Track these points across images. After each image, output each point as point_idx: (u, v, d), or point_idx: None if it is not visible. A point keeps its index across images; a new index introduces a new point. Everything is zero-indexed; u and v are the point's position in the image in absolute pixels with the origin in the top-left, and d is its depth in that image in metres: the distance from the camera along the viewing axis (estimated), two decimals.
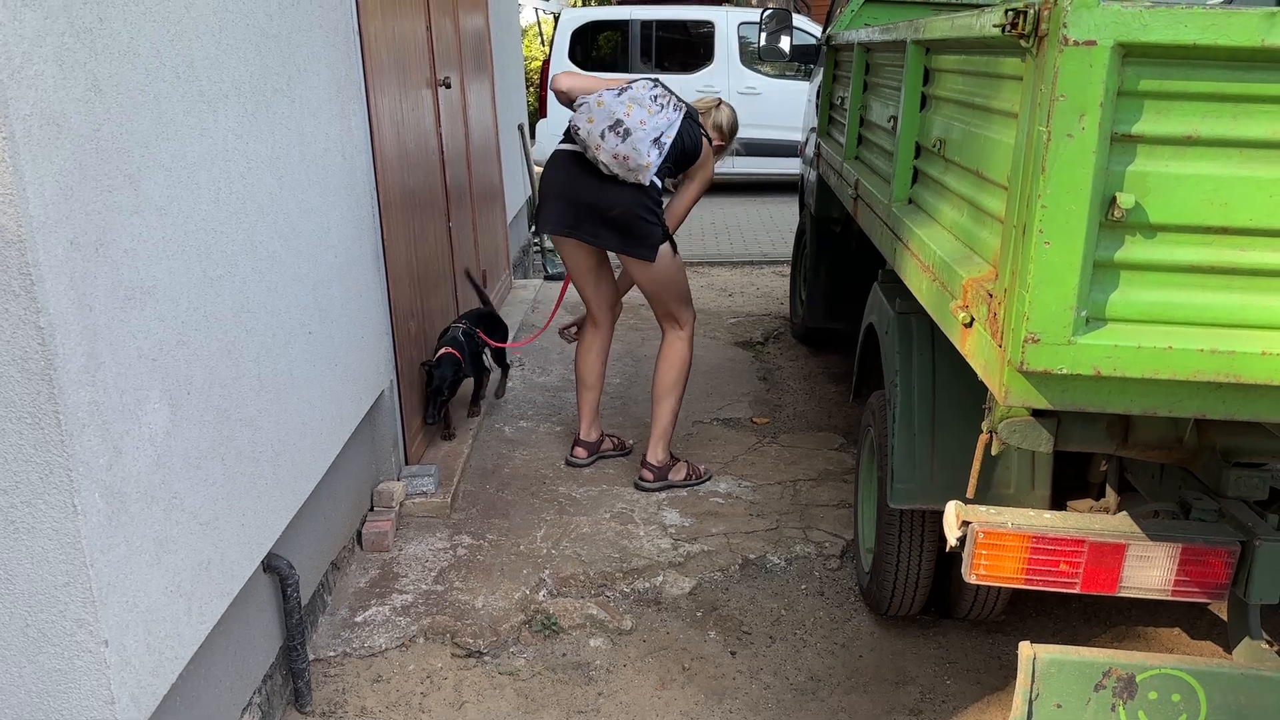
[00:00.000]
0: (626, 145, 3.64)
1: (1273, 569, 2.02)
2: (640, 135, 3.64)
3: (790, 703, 2.96)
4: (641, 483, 4.15)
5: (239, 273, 2.40)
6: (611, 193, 3.79)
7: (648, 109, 3.69)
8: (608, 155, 3.67)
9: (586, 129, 3.68)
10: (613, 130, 3.64)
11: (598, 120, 3.66)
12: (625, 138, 3.64)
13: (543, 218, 3.97)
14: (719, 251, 8.87)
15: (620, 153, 3.66)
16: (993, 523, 2.09)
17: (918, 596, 3.10)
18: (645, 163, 3.66)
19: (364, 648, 3.09)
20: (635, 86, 3.77)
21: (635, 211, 3.80)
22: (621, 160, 3.67)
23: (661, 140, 3.69)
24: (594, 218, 3.85)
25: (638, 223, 3.82)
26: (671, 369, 4.12)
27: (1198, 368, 1.52)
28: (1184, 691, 1.99)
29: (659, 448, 4.15)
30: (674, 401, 4.15)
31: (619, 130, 3.64)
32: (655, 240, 3.87)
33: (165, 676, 1.97)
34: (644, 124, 3.65)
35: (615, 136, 3.64)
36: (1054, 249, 1.51)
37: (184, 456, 2.08)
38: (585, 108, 3.71)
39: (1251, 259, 1.53)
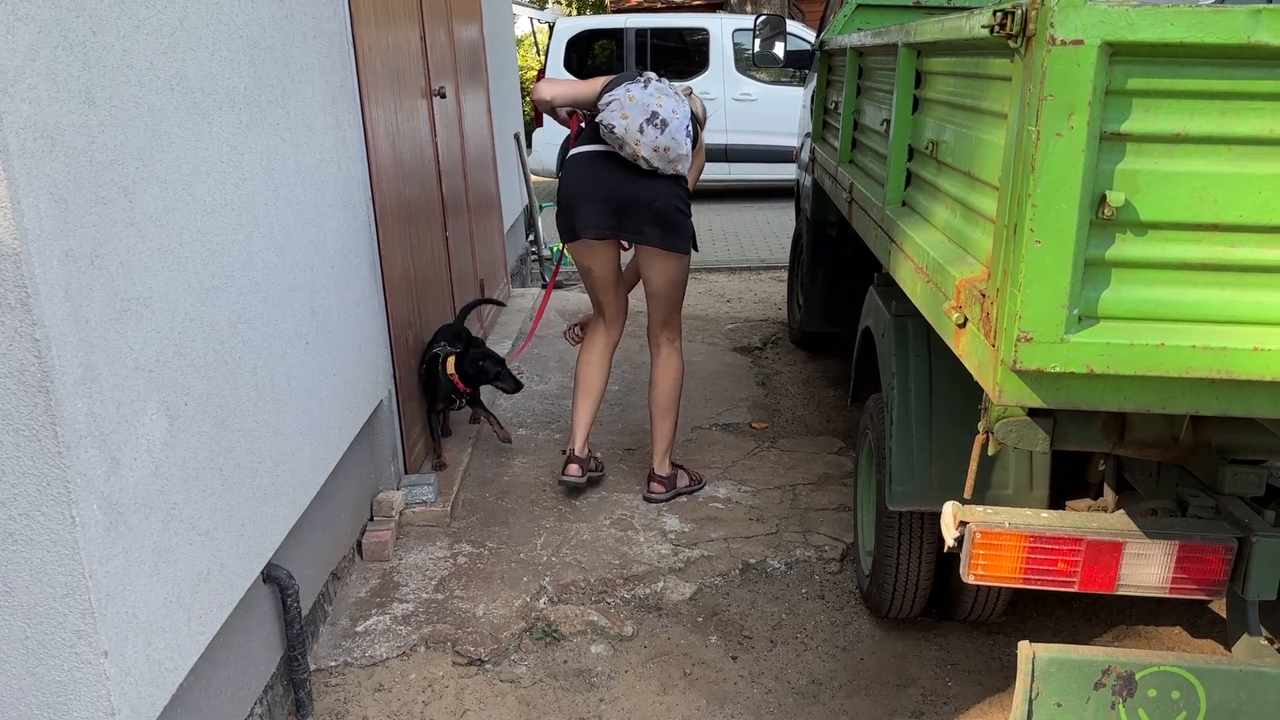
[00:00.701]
0: (666, 136, 3.61)
1: (1270, 565, 2.02)
2: (676, 124, 3.62)
3: (792, 706, 2.95)
4: (652, 496, 4.11)
5: (235, 284, 2.41)
6: (651, 186, 3.75)
7: (674, 98, 3.67)
8: (648, 149, 3.62)
9: (623, 125, 3.62)
10: (650, 123, 3.59)
11: (633, 115, 3.61)
12: (664, 129, 3.60)
13: (579, 224, 3.84)
14: (717, 258, 8.89)
15: (661, 144, 3.61)
16: (990, 523, 2.09)
17: (918, 598, 3.10)
18: (685, 151, 3.66)
19: (365, 657, 3.08)
20: (641, 81, 3.71)
21: (674, 204, 3.78)
22: (663, 152, 3.63)
23: (690, 128, 3.69)
24: (637, 214, 3.78)
25: (676, 215, 3.80)
26: (673, 385, 4.09)
27: (1190, 364, 1.53)
28: (1183, 689, 1.99)
29: (665, 461, 4.14)
30: (676, 415, 4.14)
31: (656, 122, 3.59)
32: (690, 230, 3.89)
33: (165, 687, 1.97)
34: (676, 113, 3.63)
35: (654, 129, 3.60)
36: (1045, 248, 1.51)
37: (182, 467, 2.09)
38: (616, 104, 3.64)
39: (1241, 255, 1.54)
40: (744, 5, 14.92)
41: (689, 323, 6.80)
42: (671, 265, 3.92)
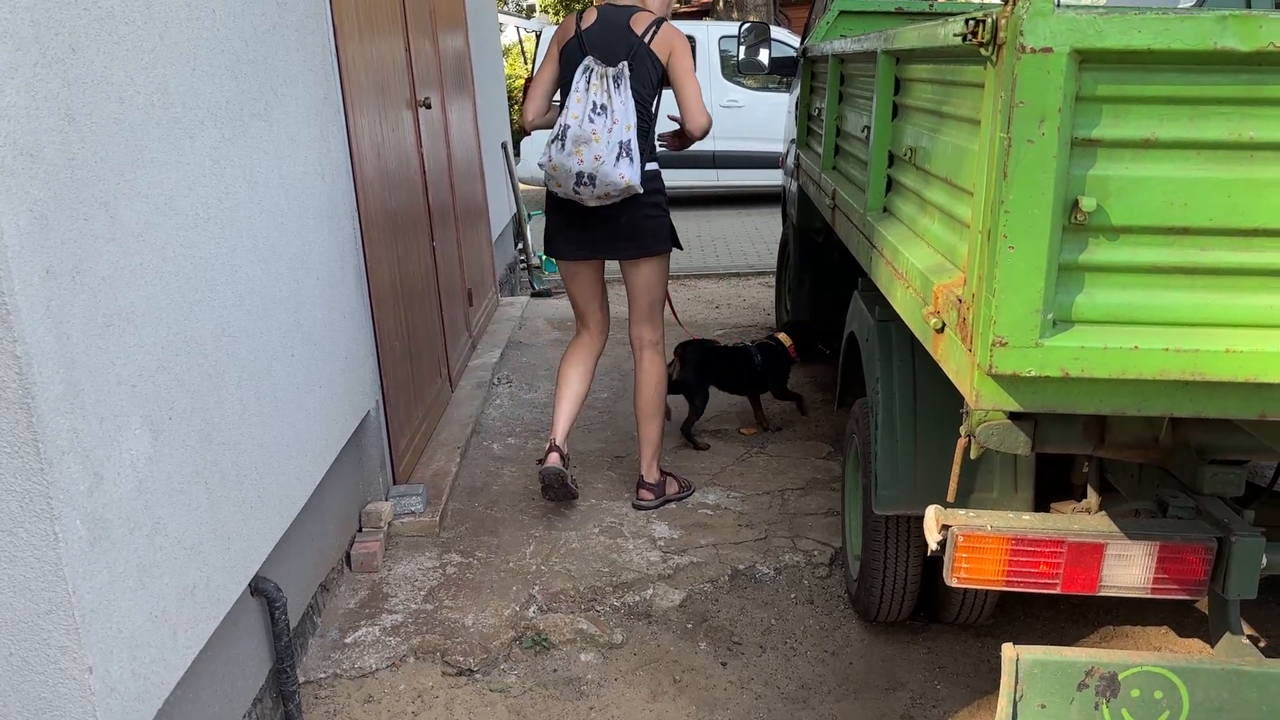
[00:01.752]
0: (601, 186, 3.66)
1: (1249, 564, 2.04)
2: (605, 170, 3.63)
3: (782, 712, 2.96)
4: (640, 503, 4.12)
5: (219, 297, 2.41)
6: (613, 211, 3.82)
7: (594, 136, 3.65)
8: (594, 200, 3.72)
9: (563, 192, 3.74)
10: (580, 183, 3.67)
11: (565, 182, 3.70)
12: (594, 182, 3.66)
13: (559, 248, 4.00)
14: (705, 264, 8.90)
15: (600, 193, 3.68)
16: (972, 526, 2.10)
17: (905, 602, 3.11)
18: (625, 183, 3.66)
19: (354, 668, 3.08)
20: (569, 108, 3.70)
21: (643, 213, 3.84)
22: (606, 196, 3.71)
23: (627, 144, 3.66)
24: (609, 234, 3.88)
25: (647, 222, 3.87)
26: (656, 388, 4.10)
27: (1163, 367, 1.54)
28: (1166, 688, 2.01)
29: (654, 467, 4.14)
30: (662, 419, 4.16)
31: (585, 180, 3.66)
32: (666, 228, 3.95)
33: (151, 702, 1.97)
34: (600, 158, 3.63)
35: (587, 187, 3.67)
36: (1018, 253, 1.53)
37: (166, 482, 2.09)
38: (547, 175, 3.76)
39: (1212, 258, 1.55)
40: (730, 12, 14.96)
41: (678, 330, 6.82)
42: (650, 267, 3.99)
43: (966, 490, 2.69)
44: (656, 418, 4.12)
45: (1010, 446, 2.20)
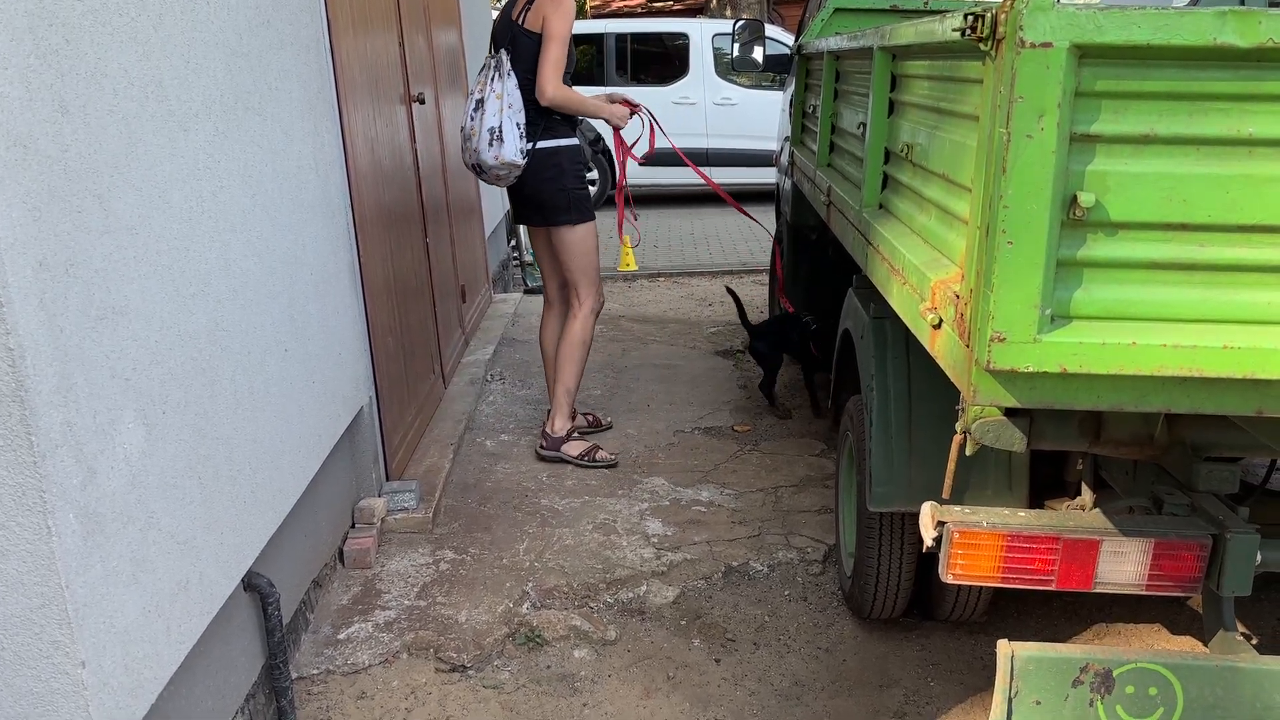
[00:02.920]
0: (489, 172, 4.11)
1: (1244, 561, 2.04)
2: (482, 157, 4.04)
3: (775, 708, 2.96)
4: (539, 450, 4.54)
5: (213, 291, 2.40)
6: (517, 184, 4.23)
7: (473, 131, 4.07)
8: (502, 183, 4.19)
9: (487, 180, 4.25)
10: (480, 174, 4.17)
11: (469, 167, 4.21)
12: (483, 170, 4.11)
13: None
14: (698, 262, 8.90)
15: (493, 176, 4.14)
16: (968, 522, 2.11)
17: (899, 599, 3.12)
18: (501, 162, 4.03)
19: (347, 665, 3.07)
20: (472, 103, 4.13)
21: (540, 186, 4.19)
22: (502, 177, 4.14)
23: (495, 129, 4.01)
24: (520, 205, 4.36)
25: (546, 195, 4.22)
26: (566, 344, 4.43)
27: (1161, 363, 1.54)
28: (1160, 685, 2.01)
29: (555, 419, 4.49)
30: (567, 377, 4.45)
31: (478, 170, 4.14)
32: (570, 201, 4.24)
33: (144, 697, 1.96)
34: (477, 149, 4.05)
35: (485, 175, 4.15)
36: (1017, 249, 1.53)
37: (160, 476, 2.08)
38: None
39: (1210, 254, 1.55)
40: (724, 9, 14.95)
41: (671, 326, 6.82)
42: (559, 237, 4.31)
43: (961, 487, 2.69)
44: (562, 371, 4.44)
45: (1006, 443, 2.20)
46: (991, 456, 2.74)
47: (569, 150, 4.21)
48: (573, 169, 4.23)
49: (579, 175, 4.26)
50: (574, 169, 4.24)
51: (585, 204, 4.29)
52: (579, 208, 4.26)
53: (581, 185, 4.26)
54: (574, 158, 4.23)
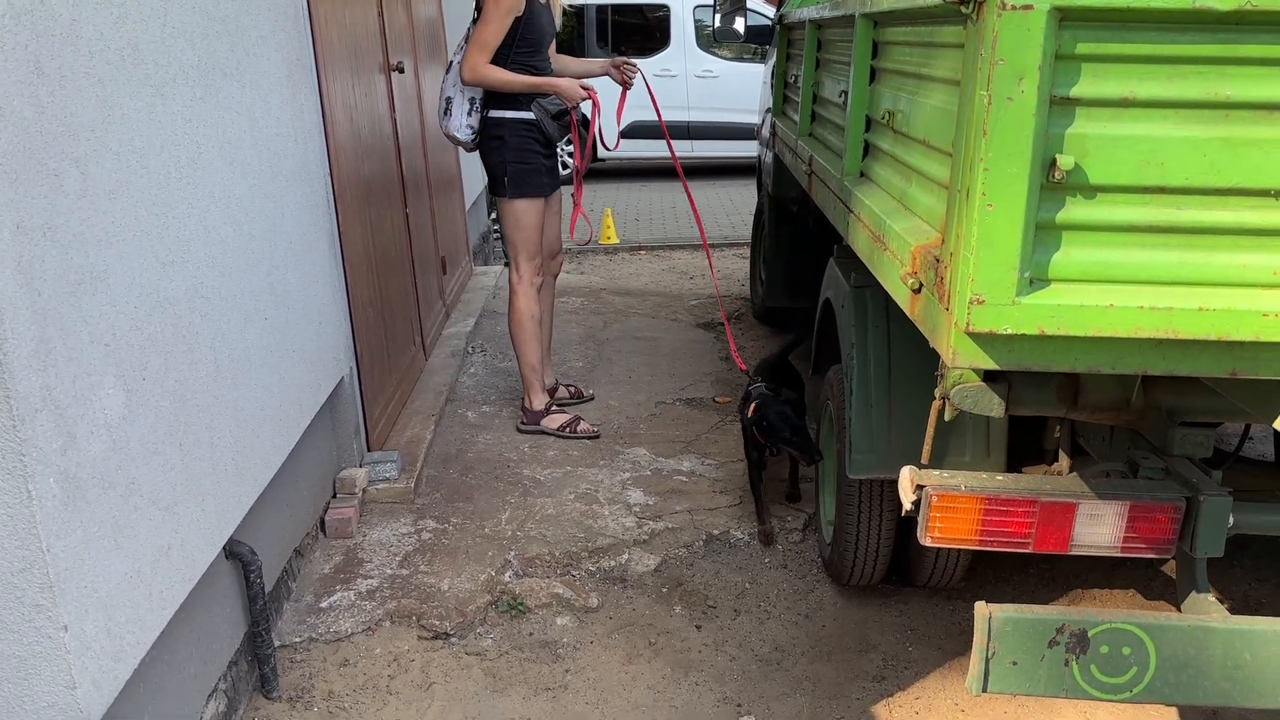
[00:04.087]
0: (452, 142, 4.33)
1: (1216, 523, 2.07)
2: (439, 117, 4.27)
3: (755, 673, 2.99)
4: (519, 426, 4.57)
5: (192, 258, 2.38)
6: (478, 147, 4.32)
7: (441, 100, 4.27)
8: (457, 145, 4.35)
9: None
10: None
11: None
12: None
13: None
14: (680, 235, 8.90)
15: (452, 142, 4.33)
16: (946, 485, 2.13)
17: (878, 566, 3.15)
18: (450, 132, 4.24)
19: (330, 633, 3.08)
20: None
21: (484, 154, 4.29)
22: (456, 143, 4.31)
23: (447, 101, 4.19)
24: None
25: (487, 161, 4.30)
26: (512, 324, 4.47)
27: (1138, 325, 1.56)
28: (1134, 644, 2.04)
29: (529, 397, 4.53)
30: (526, 354, 4.47)
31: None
32: (500, 173, 4.26)
33: (127, 662, 1.97)
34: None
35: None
36: (996, 211, 1.54)
37: (141, 442, 2.07)
38: None
39: (1188, 217, 1.57)
40: None
41: (652, 299, 6.83)
42: (498, 207, 4.42)
43: (940, 454, 2.71)
44: (519, 348, 4.46)
45: (984, 408, 2.22)
46: (970, 424, 2.76)
47: (514, 123, 4.13)
48: (516, 141, 4.14)
49: (525, 149, 4.16)
50: (518, 142, 4.15)
51: (524, 179, 4.20)
52: (516, 182, 4.20)
53: (524, 160, 4.17)
54: (520, 130, 4.13)
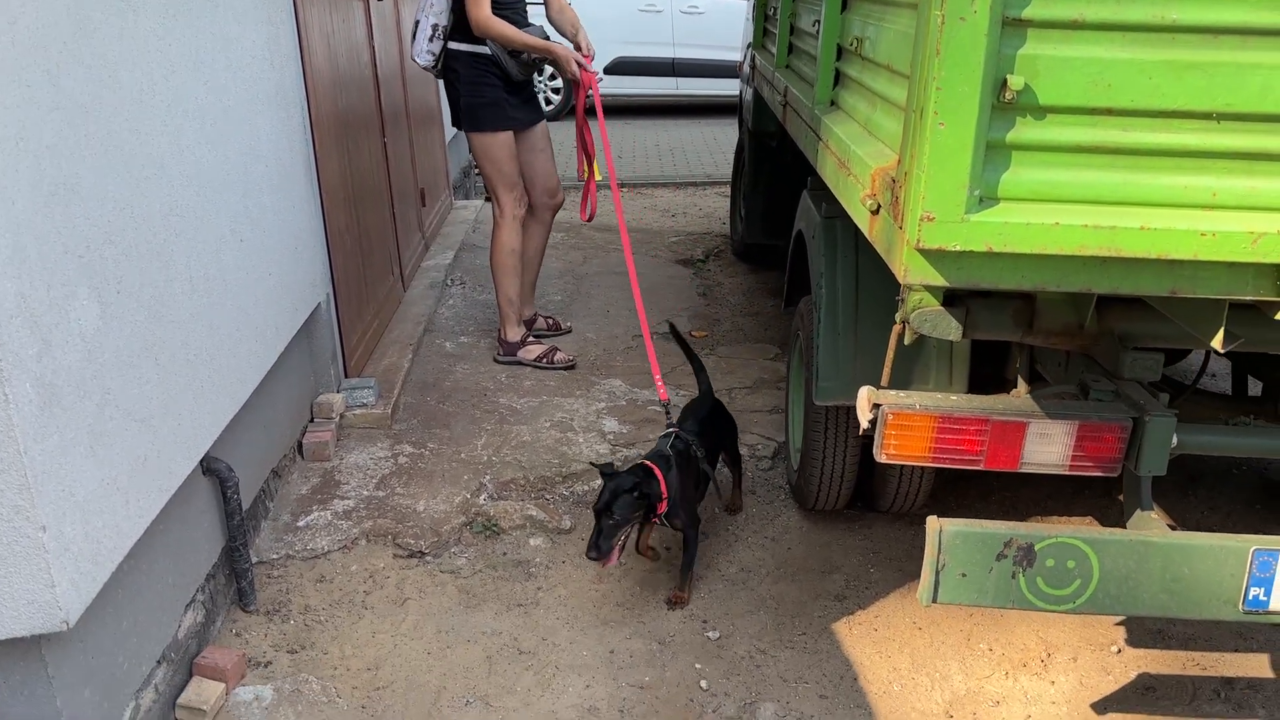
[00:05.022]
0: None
1: (1161, 442, 2.15)
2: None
3: (722, 592, 3.08)
4: (495, 357, 4.61)
5: (167, 175, 2.41)
6: None
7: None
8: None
9: None
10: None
11: None
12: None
13: None
14: (663, 173, 8.88)
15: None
16: (901, 404, 2.19)
17: (843, 491, 3.23)
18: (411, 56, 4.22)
19: (306, 550, 3.16)
20: None
21: (446, 90, 4.30)
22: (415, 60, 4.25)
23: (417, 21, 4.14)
24: None
25: (449, 99, 4.30)
26: (493, 256, 4.47)
27: (1082, 243, 1.61)
28: (1078, 558, 2.13)
29: (505, 329, 4.55)
30: (504, 287, 4.47)
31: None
32: (456, 107, 4.27)
33: (105, 565, 2.03)
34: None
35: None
36: (948, 130, 1.58)
37: (116, 353, 2.11)
38: None
39: (1133, 139, 1.61)
40: None
41: (633, 235, 6.83)
42: (470, 140, 4.37)
43: (903, 382, 2.78)
44: (498, 284, 4.47)
45: (943, 332, 2.28)
46: (934, 354, 2.83)
47: (469, 56, 4.11)
48: (470, 75, 4.13)
49: (480, 83, 4.14)
50: (472, 75, 4.13)
51: (478, 113, 4.19)
52: (470, 115, 4.21)
53: (478, 94, 4.15)
54: (474, 64, 4.11)
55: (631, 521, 2.83)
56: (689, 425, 3.21)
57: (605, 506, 2.77)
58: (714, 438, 3.28)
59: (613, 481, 2.81)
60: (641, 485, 2.81)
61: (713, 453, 3.24)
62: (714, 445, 3.27)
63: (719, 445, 3.32)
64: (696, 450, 3.09)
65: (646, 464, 2.90)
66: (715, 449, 3.28)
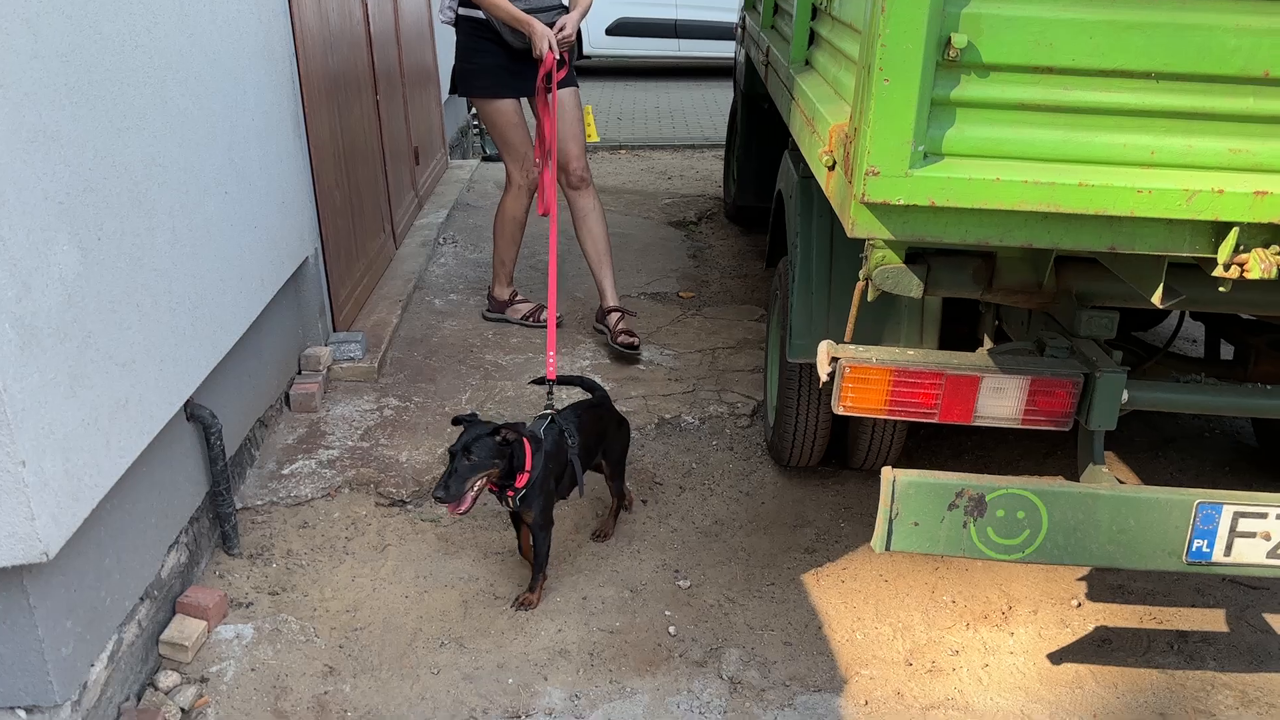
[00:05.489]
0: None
1: (1110, 398, 2.21)
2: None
3: (694, 543, 3.16)
4: (484, 314, 4.68)
5: (149, 126, 2.46)
6: None
7: None
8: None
9: None
10: None
11: None
12: None
13: None
14: (661, 135, 8.90)
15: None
16: (859, 358, 2.25)
17: (816, 448, 3.30)
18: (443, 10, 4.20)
19: (290, 497, 3.24)
20: None
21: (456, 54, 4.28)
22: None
23: None
24: None
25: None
26: (496, 218, 4.51)
27: (1022, 198, 1.66)
28: (1028, 509, 2.19)
29: (493, 286, 4.63)
30: (499, 247, 4.52)
31: None
32: (454, 72, 4.27)
33: (85, 501, 2.10)
34: None
35: None
36: (893, 86, 1.63)
37: (96, 298, 2.18)
38: None
39: (1074, 98, 1.66)
40: None
41: (627, 196, 6.87)
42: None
43: (876, 340, 2.83)
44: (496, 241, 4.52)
45: (904, 289, 2.34)
46: (905, 314, 2.88)
47: (466, 20, 4.11)
48: (465, 41, 4.14)
49: (471, 48, 4.13)
50: (466, 41, 4.13)
51: (468, 78, 4.18)
52: (461, 80, 4.21)
53: (468, 59, 4.14)
54: (469, 29, 4.11)
55: (489, 468, 2.63)
56: (569, 414, 2.99)
57: (463, 447, 2.60)
58: (595, 438, 3.04)
59: (474, 427, 2.66)
60: (505, 433, 2.67)
61: (589, 452, 3.02)
62: (593, 445, 3.04)
63: (599, 448, 3.08)
64: (570, 439, 2.89)
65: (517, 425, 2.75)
66: (593, 450, 3.05)
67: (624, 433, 3.17)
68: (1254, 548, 2.20)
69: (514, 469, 2.70)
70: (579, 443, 2.92)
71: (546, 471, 2.79)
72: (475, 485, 2.63)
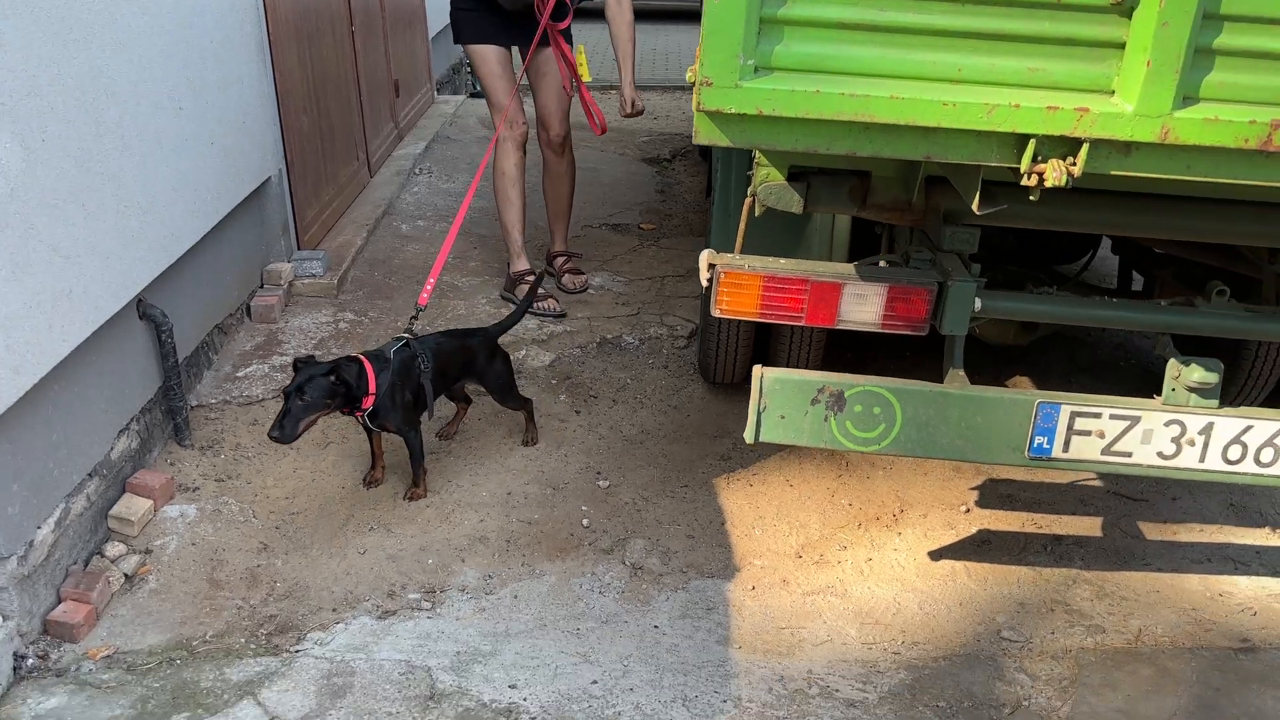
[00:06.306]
0: None
1: (962, 304, 2.40)
2: None
3: (619, 449, 3.39)
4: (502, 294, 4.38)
5: (97, 40, 2.66)
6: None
7: None
8: None
9: None
10: None
11: None
12: None
13: None
14: (652, 76, 9.01)
15: None
16: (734, 265, 2.45)
17: (738, 364, 3.50)
18: None
19: (243, 396, 3.48)
20: None
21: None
22: None
23: None
24: None
25: None
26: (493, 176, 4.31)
27: (839, 109, 1.84)
28: (883, 405, 2.40)
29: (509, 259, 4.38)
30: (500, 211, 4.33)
31: None
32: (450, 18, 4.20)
33: (27, 375, 2.34)
34: None
35: None
36: (722, 3, 1.81)
37: (40, 194, 2.40)
38: None
39: (888, 18, 1.83)
40: None
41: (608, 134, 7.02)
42: None
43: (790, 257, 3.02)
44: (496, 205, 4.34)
45: (786, 205, 2.54)
46: (816, 233, 3.07)
47: None
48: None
49: None
50: None
51: (458, 22, 4.15)
52: (454, 25, 4.20)
53: (457, 2, 4.13)
54: None
55: (323, 407, 2.80)
56: (429, 341, 3.12)
57: (297, 388, 2.74)
58: (459, 366, 3.19)
59: (309, 368, 2.80)
60: (339, 372, 2.79)
61: (445, 377, 3.15)
62: (453, 373, 3.18)
63: (462, 376, 3.24)
64: (423, 363, 3.01)
65: (357, 357, 2.91)
66: (452, 377, 3.19)
67: (499, 364, 3.29)
68: (1090, 445, 2.41)
69: (355, 397, 2.86)
70: (432, 367, 3.05)
71: (393, 387, 2.93)
72: (307, 421, 2.79)
